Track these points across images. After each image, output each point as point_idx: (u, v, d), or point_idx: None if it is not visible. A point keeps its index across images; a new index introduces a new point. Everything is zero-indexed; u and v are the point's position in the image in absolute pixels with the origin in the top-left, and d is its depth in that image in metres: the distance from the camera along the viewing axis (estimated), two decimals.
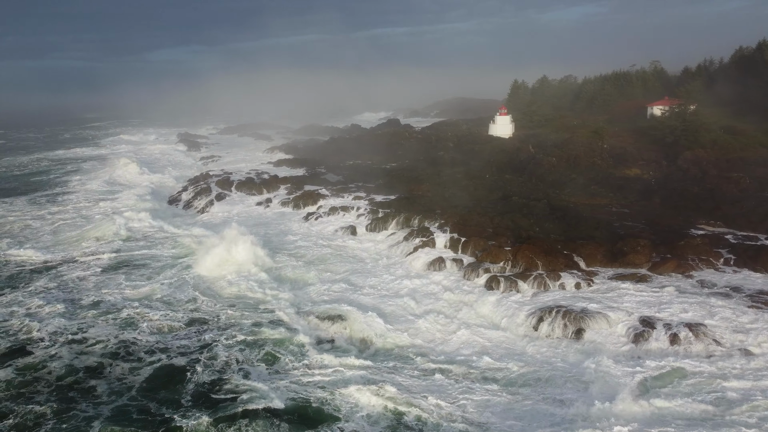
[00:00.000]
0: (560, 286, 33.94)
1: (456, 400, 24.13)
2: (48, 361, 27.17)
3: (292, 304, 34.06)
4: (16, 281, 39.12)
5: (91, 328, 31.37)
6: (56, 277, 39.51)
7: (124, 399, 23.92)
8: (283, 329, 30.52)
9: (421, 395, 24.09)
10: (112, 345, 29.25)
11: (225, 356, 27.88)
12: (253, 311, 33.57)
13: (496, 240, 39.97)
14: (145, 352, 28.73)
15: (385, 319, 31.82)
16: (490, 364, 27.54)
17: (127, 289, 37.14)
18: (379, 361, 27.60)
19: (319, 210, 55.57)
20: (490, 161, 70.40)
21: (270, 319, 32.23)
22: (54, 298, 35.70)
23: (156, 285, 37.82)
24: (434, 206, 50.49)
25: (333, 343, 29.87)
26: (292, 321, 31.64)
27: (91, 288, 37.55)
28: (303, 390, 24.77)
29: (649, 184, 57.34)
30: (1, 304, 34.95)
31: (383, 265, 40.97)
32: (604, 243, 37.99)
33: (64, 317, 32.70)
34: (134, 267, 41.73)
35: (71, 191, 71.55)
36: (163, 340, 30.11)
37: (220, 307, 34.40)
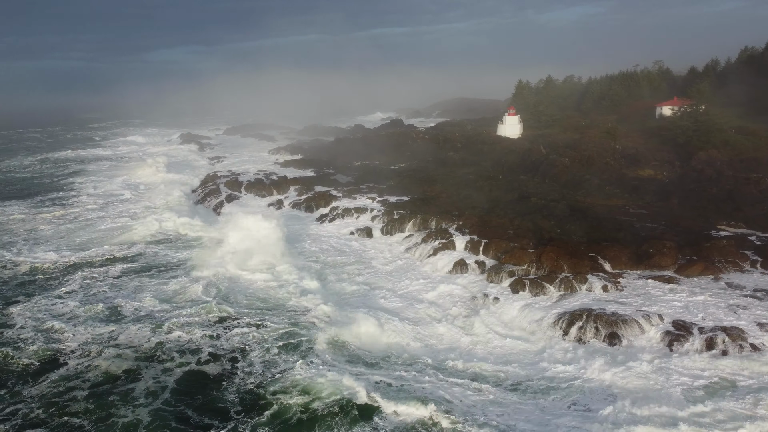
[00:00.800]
0: (587, 289, 33.39)
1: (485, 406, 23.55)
2: (83, 371, 26.37)
3: (321, 304, 33.45)
4: (43, 287, 37.99)
5: (123, 333, 30.54)
6: (84, 281, 38.52)
7: (159, 403, 23.26)
8: (313, 332, 30.08)
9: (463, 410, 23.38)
10: (146, 349, 28.50)
11: (257, 357, 27.51)
12: (283, 312, 33.07)
13: (517, 242, 39.45)
14: (177, 351, 28.19)
15: (411, 324, 31.23)
16: (519, 369, 26.98)
17: (159, 290, 36.53)
18: (410, 369, 26.94)
19: (332, 212, 55.00)
20: (502, 162, 69.91)
21: (300, 321, 31.69)
22: (84, 301, 34.93)
23: (188, 285, 37.16)
24: (450, 207, 49.94)
25: (359, 349, 29.26)
26: (321, 323, 31.12)
27: (123, 290, 36.78)
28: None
29: (664, 184, 56.85)
30: (32, 311, 33.77)
31: (403, 268, 40.37)
32: (629, 245, 37.46)
33: (96, 322, 31.95)
34: (164, 268, 40.85)
35: (92, 193, 70.13)
36: (197, 340, 29.55)
37: (248, 307, 33.84)
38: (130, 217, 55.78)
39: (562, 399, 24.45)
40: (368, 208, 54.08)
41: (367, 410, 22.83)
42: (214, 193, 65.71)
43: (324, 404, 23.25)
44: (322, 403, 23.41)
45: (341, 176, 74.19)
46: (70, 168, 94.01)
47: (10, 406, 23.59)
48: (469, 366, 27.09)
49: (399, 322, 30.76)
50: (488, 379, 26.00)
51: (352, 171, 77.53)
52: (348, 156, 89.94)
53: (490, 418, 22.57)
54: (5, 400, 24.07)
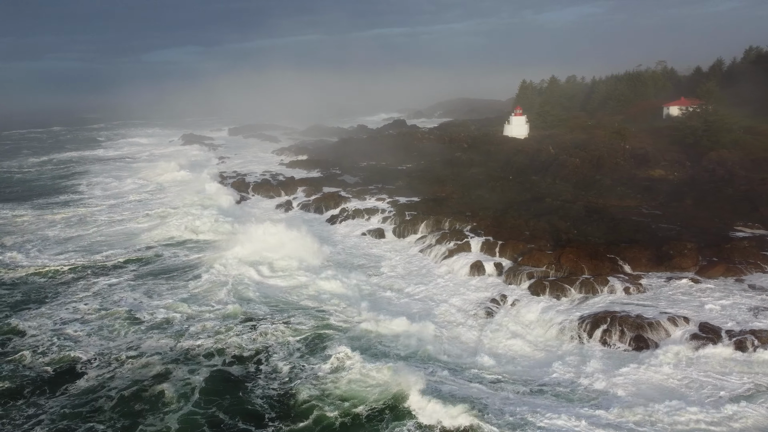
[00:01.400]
0: (609, 291, 32.93)
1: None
2: (105, 379, 25.53)
3: (347, 308, 32.99)
4: (57, 291, 36.77)
5: (143, 338, 29.75)
6: (99, 284, 37.58)
7: (189, 406, 22.66)
8: (340, 333, 29.74)
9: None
10: (170, 354, 27.69)
11: (283, 359, 27.24)
12: (308, 312, 32.61)
13: (534, 243, 39.01)
14: (204, 356, 27.56)
15: (434, 326, 30.72)
16: (542, 373, 26.51)
17: (179, 293, 35.86)
18: (438, 370, 26.47)
19: (343, 213, 54.54)
20: (510, 162, 69.50)
21: (327, 321, 31.36)
22: (100, 306, 34.01)
23: (209, 287, 36.57)
24: (463, 208, 49.51)
25: (388, 350, 28.75)
26: (347, 325, 30.74)
27: (140, 293, 35.78)
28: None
29: (677, 185, 56.40)
30: (45, 317, 32.61)
31: (418, 270, 39.91)
32: (649, 246, 36.99)
33: (114, 327, 31.11)
34: (183, 271, 40.10)
35: (103, 194, 69.07)
36: (223, 343, 28.96)
37: (273, 307, 33.40)
38: (145, 218, 55.13)
39: (590, 402, 23.98)
40: (379, 209, 53.63)
41: (404, 412, 22.42)
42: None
43: (362, 406, 22.91)
44: (360, 403, 23.07)
45: (348, 177, 73.75)
46: (75, 169, 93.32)
47: (32, 417, 22.74)
48: (494, 368, 26.62)
49: (422, 324, 30.22)
50: (514, 381, 25.52)
51: (359, 171, 77.13)
52: (354, 156, 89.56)
53: (520, 418, 22.10)
54: (23, 410, 23.26)
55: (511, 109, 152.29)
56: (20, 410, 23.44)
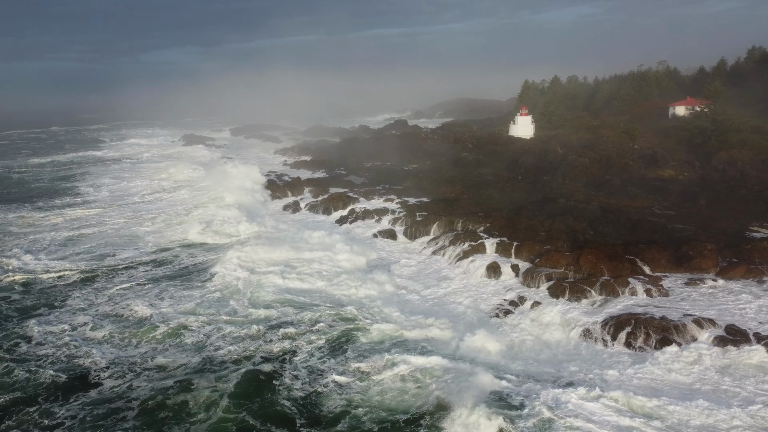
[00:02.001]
0: (630, 293, 32.45)
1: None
2: (123, 388, 24.52)
3: (374, 309, 32.37)
4: (64, 296, 35.44)
5: (159, 344, 28.69)
6: (109, 289, 36.46)
7: (219, 413, 22.02)
8: (369, 335, 29.21)
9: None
10: (189, 361, 26.77)
11: (312, 362, 26.69)
12: (336, 315, 31.85)
13: (551, 244, 38.55)
14: (229, 362, 26.67)
15: (452, 330, 30.19)
16: (568, 375, 25.98)
17: (193, 296, 34.92)
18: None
19: (351, 214, 53.99)
20: (518, 162, 69.08)
21: (354, 324, 30.67)
22: (111, 311, 32.91)
23: (225, 290, 35.66)
24: (474, 209, 49.05)
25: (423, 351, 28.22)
26: (376, 327, 30.11)
27: (152, 298, 34.67)
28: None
29: (688, 185, 56.07)
30: (53, 323, 31.24)
31: (433, 272, 39.34)
32: (667, 247, 36.57)
33: (127, 333, 29.97)
34: (198, 273, 39.21)
35: (111, 195, 67.74)
36: (245, 346, 28.21)
37: (299, 309, 32.60)
38: (157, 219, 54.27)
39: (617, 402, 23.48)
40: (388, 210, 53.11)
41: (440, 415, 21.95)
42: None
43: (400, 413, 22.41)
44: (397, 411, 22.59)
45: (354, 177, 73.25)
46: (79, 170, 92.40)
47: (48, 427, 21.93)
48: (522, 371, 26.09)
49: (443, 328, 29.69)
50: (544, 383, 24.98)
51: (364, 172, 76.66)
52: (358, 157, 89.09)
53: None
54: (37, 422, 22.30)
55: (512, 109, 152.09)
56: (34, 418, 22.62)
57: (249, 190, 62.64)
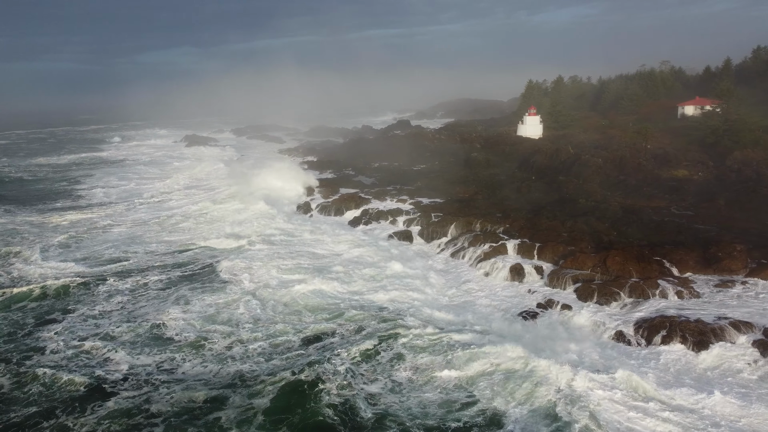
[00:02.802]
0: (660, 295, 31.78)
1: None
2: (142, 401, 23.20)
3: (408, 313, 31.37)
4: (77, 302, 34.04)
5: (177, 354, 27.24)
6: (122, 294, 35.16)
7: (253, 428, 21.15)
8: (408, 340, 28.07)
9: None
10: (216, 377, 25.05)
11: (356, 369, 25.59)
12: (373, 318, 30.96)
13: (575, 245, 37.86)
14: (267, 374, 25.11)
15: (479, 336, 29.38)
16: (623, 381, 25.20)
17: (214, 302, 33.41)
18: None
19: (365, 215, 53.20)
20: (529, 162, 68.46)
21: (392, 328, 29.35)
22: (125, 319, 31.29)
23: (249, 297, 33.99)
24: (492, 209, 48.38)
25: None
26: (414, 331, 28.95)
27: (169, 304, 32.97)
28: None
29: (705, 185, 55.47)
30: (65, 333, 29.60)
31: (454, 274, 38.55)
32: (695, 248, 35.92)
33: (144, 343, 28.47)
34: (218, 277, 37.70)
35: (121, 197, 66.38)
36: (276, 356, 26.87)
37: (332, 314, 31.51)
38: (173, 222, 53.26)
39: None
40: (403, 211, 52.40)
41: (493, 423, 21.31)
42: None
43: (452, 421, 21.59)
44: (447, 418, 21.80)
45: (363, 178, 72.55)
46: (84, 170, 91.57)
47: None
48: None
49: (476, 332, 28.93)
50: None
51: (373, 172, 75.99)
52: (365, 157, 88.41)
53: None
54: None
55: (516, 109, 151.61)
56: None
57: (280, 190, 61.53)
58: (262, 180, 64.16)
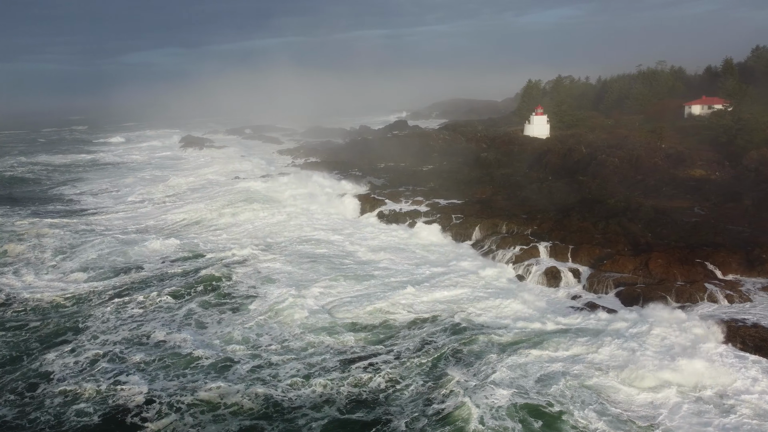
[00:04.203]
0: (709, 299, 30.66)
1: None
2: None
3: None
4: (84, 318, 30.90)
5: (200, 377, 24.36)
6: (132, 308, 32.62)
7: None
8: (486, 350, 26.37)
9: None
10: (253, 405, 22.55)
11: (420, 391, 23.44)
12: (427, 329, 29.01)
13: (611, 248, 36.67)
14: (311, 407, 22.30)
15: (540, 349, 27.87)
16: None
17: (245, 319, 30.51)
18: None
19: (381, 217, 51.71)
20: (542, 162, 67.37)
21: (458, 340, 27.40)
22: (137, 338, 28.45)
23: (287, 310, 31.28)
24: (515, 210, 47.08)
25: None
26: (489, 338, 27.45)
27: (186, 323, 30.27)
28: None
29: (724, 185, 54.61)
30: (72, 355, 26.49)
31: (488, 280, 37.03)
32: (737, 250, 34.85)
33: (161, 365, 25.68)
34: (243, 289, 34.91)
35: (129, 200, 63.74)
36: (322, 384, 23.92)
37: (380, 330, 29.29)
38: (175, 226, 51.38)
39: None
40: (420, 213, 50.98)
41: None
42: None
43: None
44: None
45: (372, 178, 70.93)
46: (78, 173, 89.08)
47: None
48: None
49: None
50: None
51: (381, 173, 74.46)
52: (369, 157, 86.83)
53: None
54: None
55: (513, 109, 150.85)
56: None
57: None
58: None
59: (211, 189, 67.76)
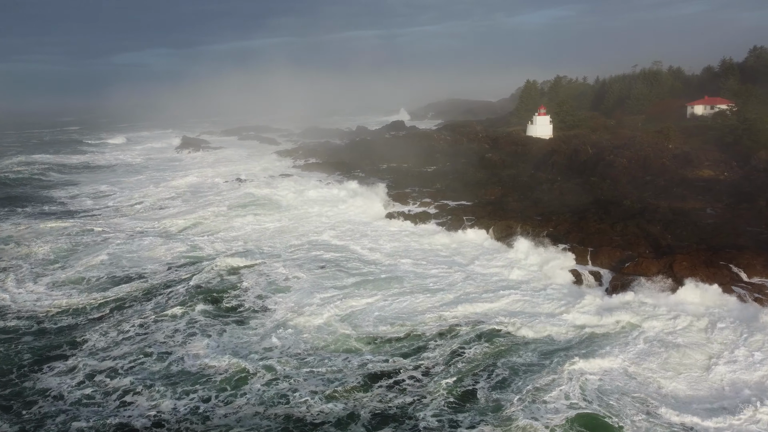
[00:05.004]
0: (739, 302, 30.04)
1: None
2: None
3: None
4: (84, 330, 28.68)
5: (218, 401, 22.60)
6: (136, 319, 31.05)
7: None
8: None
9: None
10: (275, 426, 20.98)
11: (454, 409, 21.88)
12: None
13: (632, 250, 36.04)
14: (333, 424, 21.01)
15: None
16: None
17: (265, 333, 28.57)
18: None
19: (390, 218, 50.87)
20: (548, 163, 66.81)
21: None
22: (144, 354, 26.41)
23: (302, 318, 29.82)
24: (528, 212, 46.41)
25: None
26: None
27: (199, 335, 28.16)
28: None
29: (735, 185, 54.22)
30: (73, 374, 24.70)
31: (505, 282, 36.36)
32: (760, 252, 34.30)
33: (171, 383, 23.69)
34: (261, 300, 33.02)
35: (136, 202, 61.55)
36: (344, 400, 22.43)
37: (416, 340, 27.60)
38: (174, 228, 49.74)
39: None
40: (430, 214, 50.24)
41: None
42: None
43: None
44: None
45: (376, 180, 70.06)
46: (72, 175, 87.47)
47: None
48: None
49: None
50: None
51: (384, 174, 73.67)
52: (371, 158, 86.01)
53: None
54: None
55: (510, 109, 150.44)
56: None
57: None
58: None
59: (211, 191, 66.74)
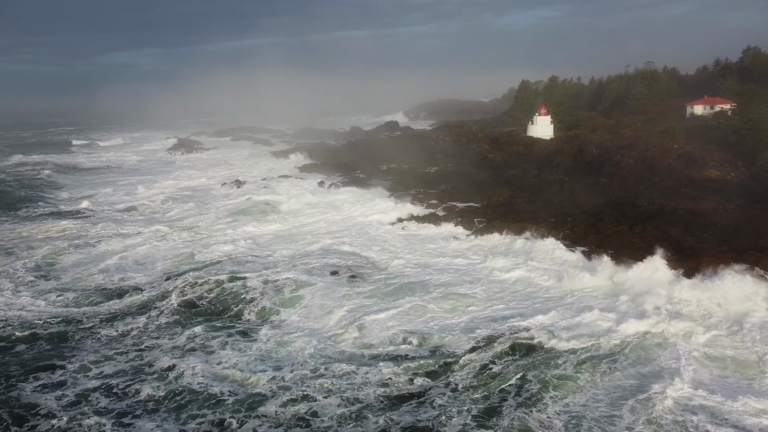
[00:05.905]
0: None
1: None
2: None
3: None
4: (81, 340, 27.21)
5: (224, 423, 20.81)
6: (134, 327, 29.80)
7: None
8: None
9: None
10: None
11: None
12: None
13: (653, 253, 35.23)
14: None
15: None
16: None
17: (278, 343, 27.00)
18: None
19: (399, 221, 49.86)
20: (553, 163, 66.11)
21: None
22: (141, 367, 24.80)
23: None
24: (540, 214, 45.57)
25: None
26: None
27: (200, 348, 26.63)
28: None
29: (745, 186, 53.82)
30: (70, 386, 23.13)
31: (522, 286, 35.41)
32: None
33: (175, 399, 22.21)
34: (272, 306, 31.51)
35: (141, 204, 60.13)
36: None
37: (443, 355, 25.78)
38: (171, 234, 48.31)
39: None
40: (439, 216, 49.24)
41: None
42: None
43: None
44: None
45: (377, 181, 69.08)
46: (64, 177, 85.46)
47: None
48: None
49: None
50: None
51: (386, 175, 72.62)
52: (371, 159, 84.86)
53: None
54: None
55: (505, 109, 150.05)
56: None
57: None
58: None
59: (208, 195, 65.43)
